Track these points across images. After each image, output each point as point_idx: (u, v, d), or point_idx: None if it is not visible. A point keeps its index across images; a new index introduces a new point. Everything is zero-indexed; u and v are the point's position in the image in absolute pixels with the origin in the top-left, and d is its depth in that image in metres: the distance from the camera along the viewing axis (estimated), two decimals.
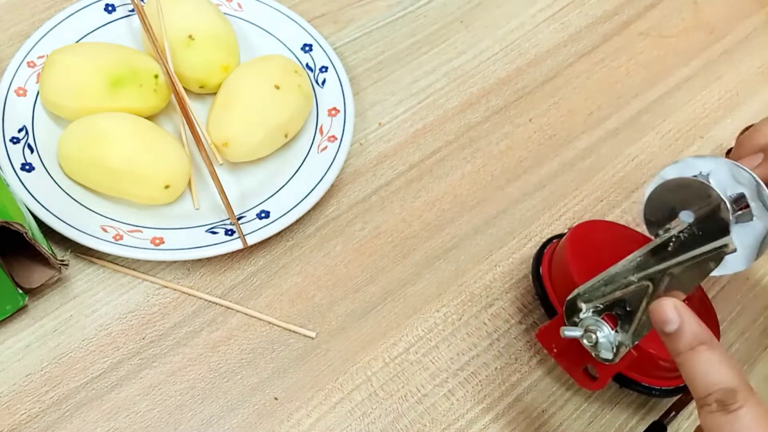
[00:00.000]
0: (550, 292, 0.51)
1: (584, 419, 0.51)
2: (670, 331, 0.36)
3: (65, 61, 0.54)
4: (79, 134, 0.52)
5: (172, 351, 0.50)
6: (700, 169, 0.42)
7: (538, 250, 0.54)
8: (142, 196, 0.53)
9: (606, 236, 0.54)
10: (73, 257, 0.53)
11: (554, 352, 0.47)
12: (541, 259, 0.53)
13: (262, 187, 0.56)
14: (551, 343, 0.47)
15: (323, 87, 0.61)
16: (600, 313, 0.43)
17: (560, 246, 0.52)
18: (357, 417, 0.49)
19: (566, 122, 0.66)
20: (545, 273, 0.52)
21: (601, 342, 0.43)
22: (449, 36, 0.69)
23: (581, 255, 0.50)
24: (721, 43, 0.74)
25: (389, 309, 0.54)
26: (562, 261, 0.51)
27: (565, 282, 0.49)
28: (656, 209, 0.44)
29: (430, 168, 0.61)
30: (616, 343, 0.42)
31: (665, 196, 0.43)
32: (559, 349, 0.46)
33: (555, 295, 0.50)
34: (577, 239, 0.51)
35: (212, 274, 0.54)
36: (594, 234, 0.53)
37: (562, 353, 0.46)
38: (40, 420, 0.47)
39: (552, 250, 0.53)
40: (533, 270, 0.52)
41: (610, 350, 0.42)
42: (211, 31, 0.58)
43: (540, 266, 0.52)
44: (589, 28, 0.72)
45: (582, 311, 0.44)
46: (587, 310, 0.44)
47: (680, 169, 0.43)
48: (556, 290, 0.50)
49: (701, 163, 0.42)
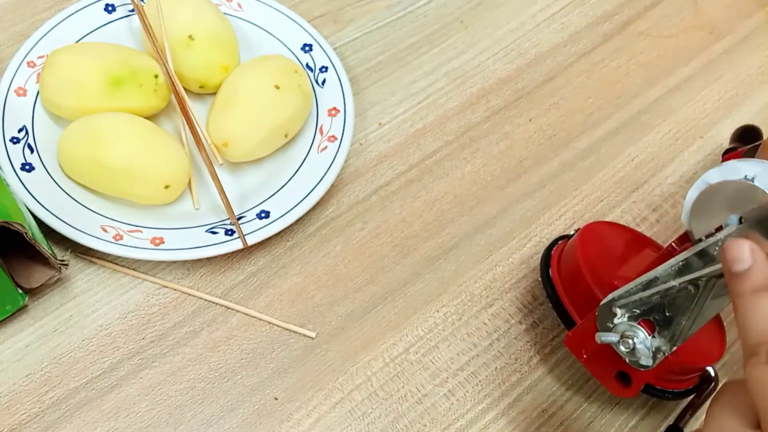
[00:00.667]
0: (562, 296, 0.50)
1: (584, 419, 0.51)
2: (739, 270, 0.34)
3: (65, 61, 0.54)
4: (79, 134, 0.52)
5: (172, 351, 0.50)
6: (745, 173, 0.41)
7: (545, 252, 0.53)
8: (142, 196, 0.53)
9: (614, 237, 0.54)
10: (73, 257, 0.53)
11: (584, 358, 0.46)
12: (550, 262, 0.52)
13: (262, 187, 0.56)
14: (581, 348, 0.46)
15: (323, 87, 0.61)
16: (636, 319, 0.42)
17: (570, 247, 0.52)
18: (357, 417, 0.49)
19: (566, 122, 0.66)
20: (555, 276, 0.51)
21: (639, 348, 0.42)
22: (449, 36, 0.69)
23: (593, 256, 0.49)
24: (721, 43, 0.74)
25: (389, 309, 0.54)
26: (573, 263, 0.50)
27: (579, 285, 0.48)
28: (700, 213, 0.43)
29: (430, 168, 0.61)
30: (653, 349, 0.41)
31: (710, 200, 0.43)
32: (589, 354, 0.45)
33: (567, 298, 0.49)
34: (587, 240, 0.51)
35: (212, 274, 0.54)
36: (603, 235, 0.53)
37: (593, 359, 0.45)
38: (40, 420, 0.47)
39: (559, 252, 0.53)
40: (542, 273, 0.52)
41: (648, 356, 0.42)
42: (211, 31, 0.58)
43: (549, 269, 0.51)
44: (589, 28, 0.73)
45: (617, 316, 0.43)
46: (622, 315, 0.43)
47: (723, 172, 0.42)
48: (568, 293, 0.50)
49: (746, 167, 0.41)
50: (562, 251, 0.53)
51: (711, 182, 0.43)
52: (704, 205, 0.43)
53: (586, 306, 0.47)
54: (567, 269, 0.51)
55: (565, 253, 0.52)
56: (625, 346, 0.42)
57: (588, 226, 0.53)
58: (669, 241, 0.60)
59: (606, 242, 0.52)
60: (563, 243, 0.54)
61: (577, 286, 0.49)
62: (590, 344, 0.44)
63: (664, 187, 0.63)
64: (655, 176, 0.64)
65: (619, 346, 0.42)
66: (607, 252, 0.51)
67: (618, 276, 0.48)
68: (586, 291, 0.48)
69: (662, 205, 0.62)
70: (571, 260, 0.51)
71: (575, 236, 0.52)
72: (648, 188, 0.63)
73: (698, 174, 0.64)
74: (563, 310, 0.49)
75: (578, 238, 0.51)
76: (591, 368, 0.46)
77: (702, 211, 0.43)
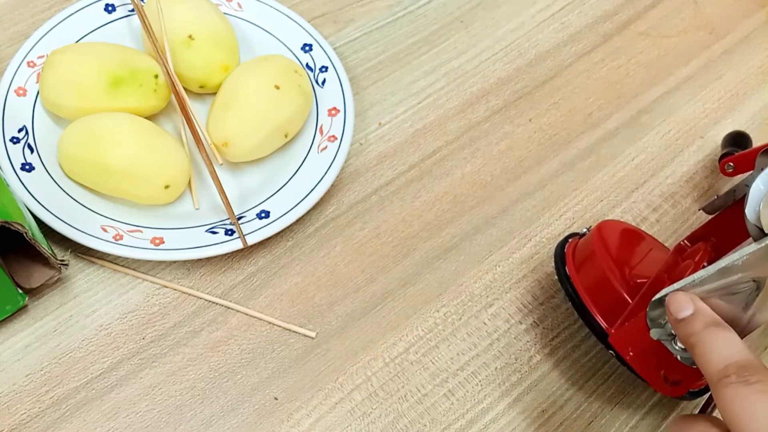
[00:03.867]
0: (582, 293, 0.49)
1: (584, 419, 0.51)
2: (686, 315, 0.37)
3: (65, 61, 0.54)
4: (79, 134, 0.52)
5: (172, 351, 0.50)
6: None
7: (558, 249, 0.52)
8: (142, 196, 0.53)
9: (626, 235, 0.53)
10: (73, 257, 0.53)
11: (630, 355, 0.45)
12: (565, 259, 0.51)
13: (262, 187, 0.56)
14: (627, 346, 0.45)
15: (323, 87, 0.61)
16: None
17: (586, 244, 0.51)
18: (357, 417, 0.49)
19: (566, 122, 0.66)
20: (572, 273, 0.50)
21: None
22: (449, 36, 0.69)
23: (613, 253, 0.49)
24: (721, 43, 0.74)
25: (389, 309, 0.54)
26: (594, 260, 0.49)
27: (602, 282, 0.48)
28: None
29: (430, 168, 0.61)
30: None
31: None
32: (636, 353, 0.44)
33: (588, 295, 0.48)
34: (606, 237, 0.50)
35: (212, 274, 0.54)
36: (618, 232, 0.53)
37: (641, 358, 0.44)
38: (40, 420, 0.47)
39: (573, 249, 0.52)
40: (559, 271, 0.51)
41: None
42: (211, 31, 0.58)
43: (566, 266, 0.50)
44: (589, 28, 0.73)
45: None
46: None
47: None
48: (588, 291, 0.49)
49: None
50: (576, 248, 0.52)
51: None
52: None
53: (609, 303, 0.47)
54: (586, 266, 0.50)
55: (579, 251, 0.51)
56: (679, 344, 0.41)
57: (604, 223, 0.53)
58: (669, 241, 0.61)
59: (620, 239, 0.52)
60: (575, 240, 0.53)
61: (600, 283, 0.48)
62: (638, 342, 0.43)
63: (664, 187, 0.63)
64: (655, 176, 0.64)
65: (674, 344, 0.42)
66: (624, 249, 0.51)
67: (638, 273, 0.48)
68: (609, 288, 0.47)
69: (662, 205, 0.62)
70: (590, 257, 0.50)
71: (592, 232, 0.51)
72: (648, 188, 0.63)
73: (698, 174, 0.64)
74: (584, 307, 0.48)
75: (596, 234, 0.51)
76: (638, 366, 0.45)
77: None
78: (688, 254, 0.50)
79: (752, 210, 0.43)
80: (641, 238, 0.54)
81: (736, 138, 0.62)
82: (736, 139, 0.62)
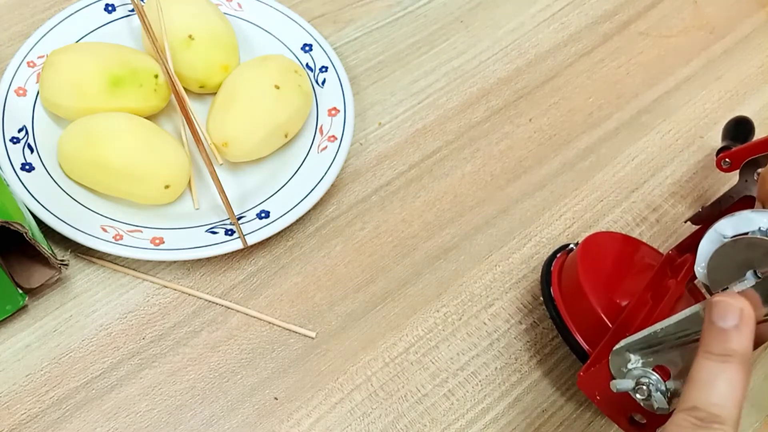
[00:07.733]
0: (565, 317, 0.49)
1: (584, 419, 0.51)
2: (721, 327, 0.34)
3: (65, 61, 0.54)
4: (79, 134, 0.52)
5: (172, 351, 0.50)
6: (759, 224, 0.39)
7: (545, 268, 0.52)
8: (142, 196, 0.53)
9: (614, 248, 0.53)
10: (73, 257, 0.53)
11: (597, 399, 0.44)
12: (551, 279, 0.51)
13: (262, 187, 0.56)
14: (594, 390, 0.44)
15: (323, 87, 0.61)
16: (651, 365, 0.41)
17: (570, 264, 0.51)
18: (357, 417, 0.49)
19: (566, 122, 0.66)
20: (557, 295, 0.50)
21: (655, 395, 0.40)
22: (449, 36, 0.69)
23: (595, 274, 0.48)
24: (721, 43, 0.74)
25: (389, 309, 0.54)
26: (575, 282, 0.48)
27: (582, 306, 0.47)
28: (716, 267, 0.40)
29: (430, 168, 0.61)
30: (669, 393, 0.40)
31: (727, 254, 0.40)
32: (602, 397, 0.44)
33: (571, 319, 0.48)
34: (587, 256, 0.50)
35: (212, 274, 0.54)
36: (603, 247, 0.52)
37: (607, 401, 0.44)
38: (40, 420, 0.47)
39: (559, 267, 0.52)
40: (544, 293, 0.50)
41: (664, 401, 0.40)
42: (211, 31, 0.58)
43: (551, 287, 0.50)
44: (589, 28, 0.73)
45: (630, 362, 0.42)
46: (636, 360, 0.41)
47: (736, 224, 0.40)
48: (571, 314, 0.48)
49: (759, 218, 0.39)
50: (562, 266, 0.52)
51: (725, 234, 0.40)
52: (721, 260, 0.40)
53: (590, 328, 0.47)
54: (568, 288, 0.50)
55: (566, 270, 0.51)
56: (640, 394, 0.41)
57: (588, 239, 0.52)
58: (669, 241, 0.61)
59: (607, 255, 0.52)
60: (563, 256, 0.53)
61: (580, 308, 0.48)
62: (604, 387, 0.43)
63: (664, 187, 0.63)
64: (655, 176, 0.64)
65: (635, 394, 0.41)
66: (609, 266, 0.50)
67: (622, 292, 0.48)
68: (590, 313, 0.47)
69: (662, 205, 0.62)
70: (572, 279, 0.49)
71: (577, 250, 0.51)
72: (648, 188, 0.63)
73: (698, 174, 0.64)
74: (567, 331, 0.48)
75: (579, 253, 0.50)
76: (605, 410, 0.45)
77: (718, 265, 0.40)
78: (675, 268, 0.50)
79: (700, 270, 0.41)
80: (630, 249, 0.53)
81: (738, 126, 0.60)
82: (737, 127, 0.60)
